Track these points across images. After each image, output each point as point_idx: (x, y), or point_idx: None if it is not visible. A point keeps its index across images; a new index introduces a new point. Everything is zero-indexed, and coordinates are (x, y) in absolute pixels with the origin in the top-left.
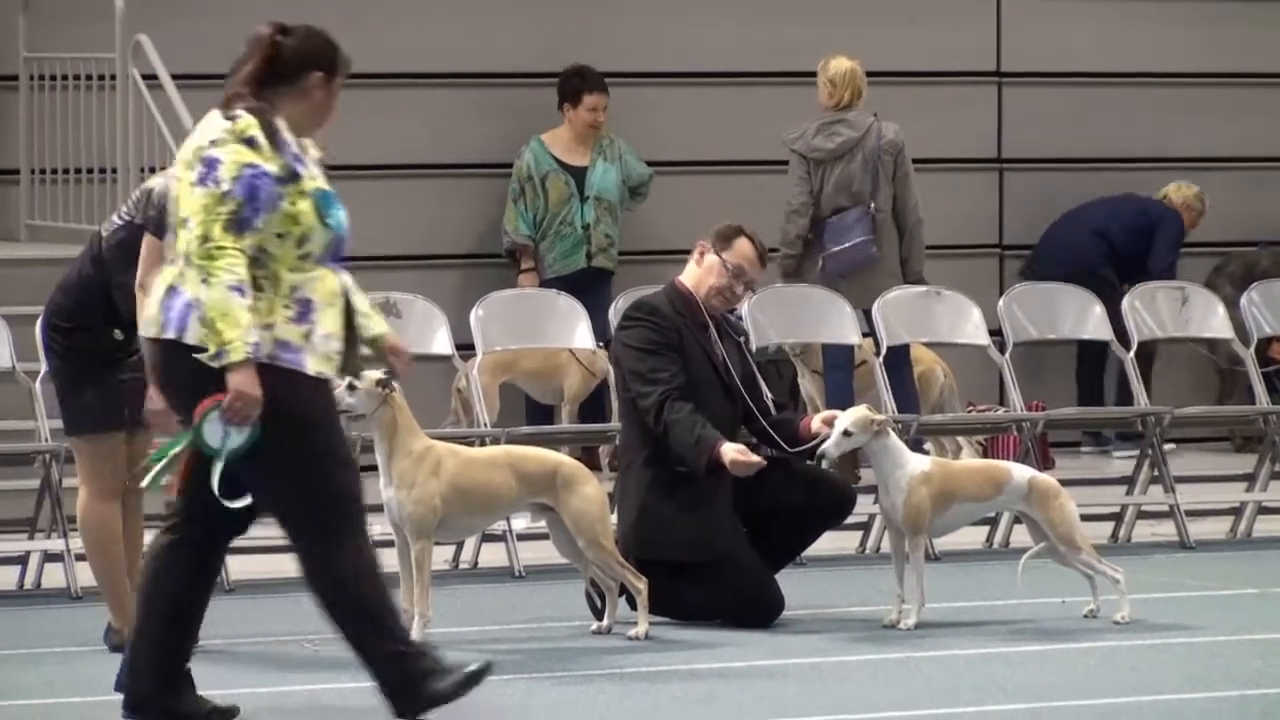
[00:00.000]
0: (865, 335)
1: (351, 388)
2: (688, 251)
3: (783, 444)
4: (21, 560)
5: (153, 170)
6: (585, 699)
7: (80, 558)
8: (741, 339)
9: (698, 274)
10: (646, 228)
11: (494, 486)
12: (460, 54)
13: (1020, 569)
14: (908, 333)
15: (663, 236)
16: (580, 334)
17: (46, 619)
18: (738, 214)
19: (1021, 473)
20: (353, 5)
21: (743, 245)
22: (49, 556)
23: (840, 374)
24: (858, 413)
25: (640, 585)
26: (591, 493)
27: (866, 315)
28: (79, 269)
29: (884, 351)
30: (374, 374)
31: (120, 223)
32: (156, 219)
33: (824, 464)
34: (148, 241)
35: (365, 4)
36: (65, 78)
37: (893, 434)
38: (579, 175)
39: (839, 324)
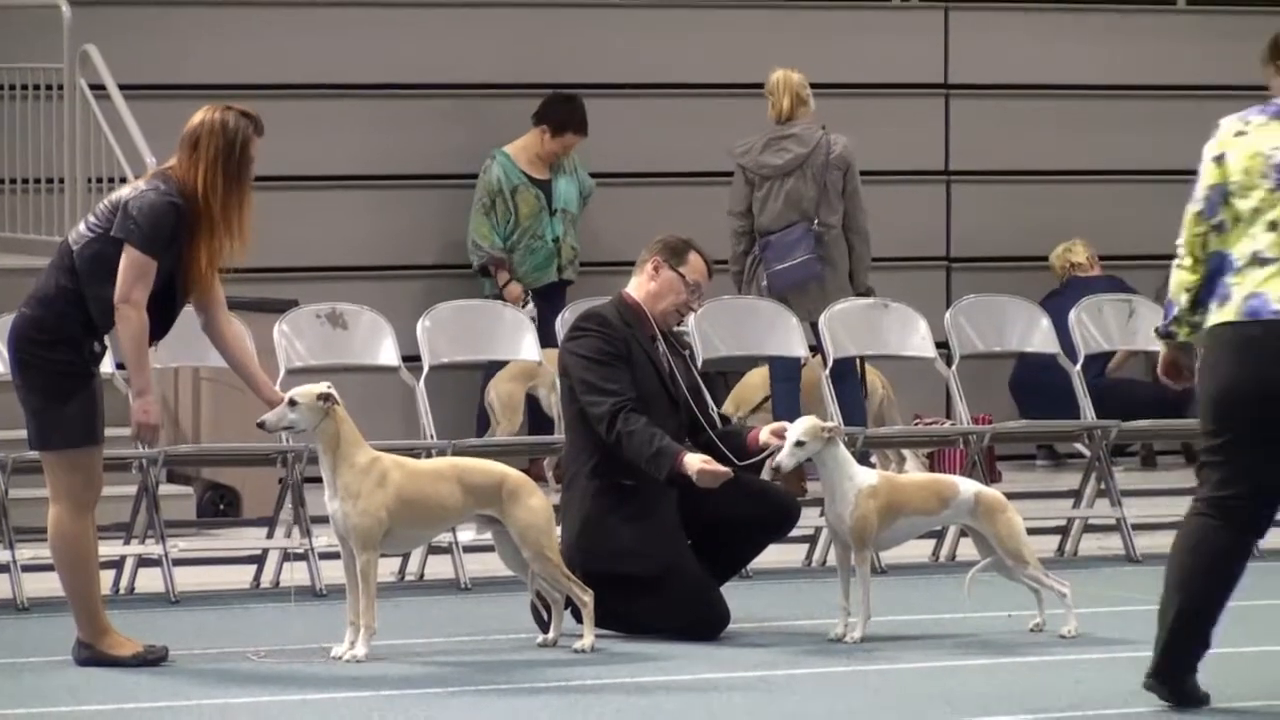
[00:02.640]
0: (812, 348)
1: (292, 403)
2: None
3: (731, 456)
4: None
5: (99, 181)
6: (530, 712)
7: (30, 569)
8: (687, 352)
9: (650, 288)
10: (595, 239)
11: (440, 498)
12: (418, 65)
13: (967, 583)
14: (854, 345)
15: (611, 248)
16: (527, 345)
17: None
18: (686, 226)
19: (968, 487)
20: (309, 19)
21: (695, 260)
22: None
23: (787, 386)
24: (808, 422)
25: (586, 598)
26: (537, 505)
27: (814, 328)
28: (55, 280)
29: (830, 364)
30: (315, 388)
31: (90, 235)
32: (139, 232)
33: (775, 477)
34: (128, 254)
35: (322, 17)
36: (13, 87)
37: (842, 444)
38: (546, 189)
39: (786, 337)
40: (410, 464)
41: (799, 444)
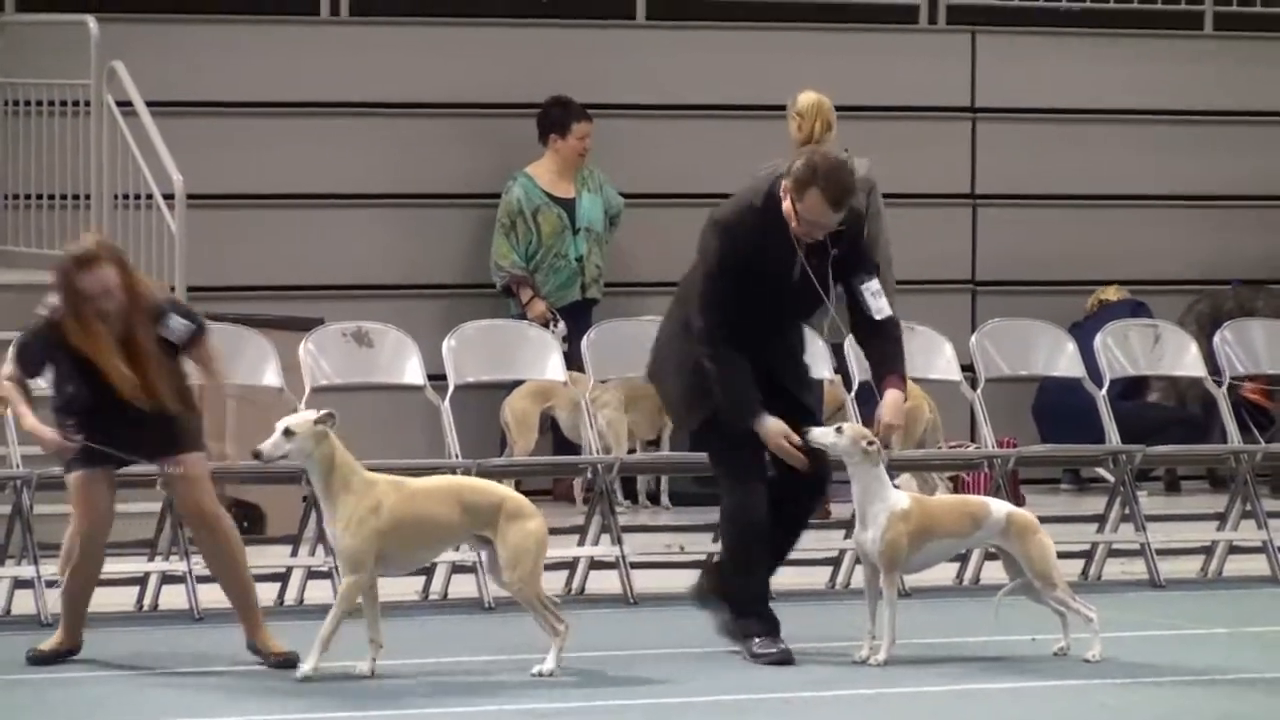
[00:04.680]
0: (837, 372)
1: (288, 433)
2: (663, 284)
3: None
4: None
5: (125, 197)
6: None
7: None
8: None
9: (786, 204)
10: (623, 259)
11: (438, 519)
12: (443, 85)
13: (996, 604)
14: None
15: (640, 268)
16: (552, 365)
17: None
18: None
19: (1000, 508)
20: (335, 38)
21: (811, 198)
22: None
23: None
24: (857, 428)
25: (560, 627)
26: (533, 529)
27: (837, 350)
28: None
29: (855, 387)
30: (309, 414)
31: None
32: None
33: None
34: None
35: (347, 37)
36: (40, 103)
37: (882, 465)
38: (569, 208)
39: (810, 359)
40: (408, 484)
41: (839, 430)
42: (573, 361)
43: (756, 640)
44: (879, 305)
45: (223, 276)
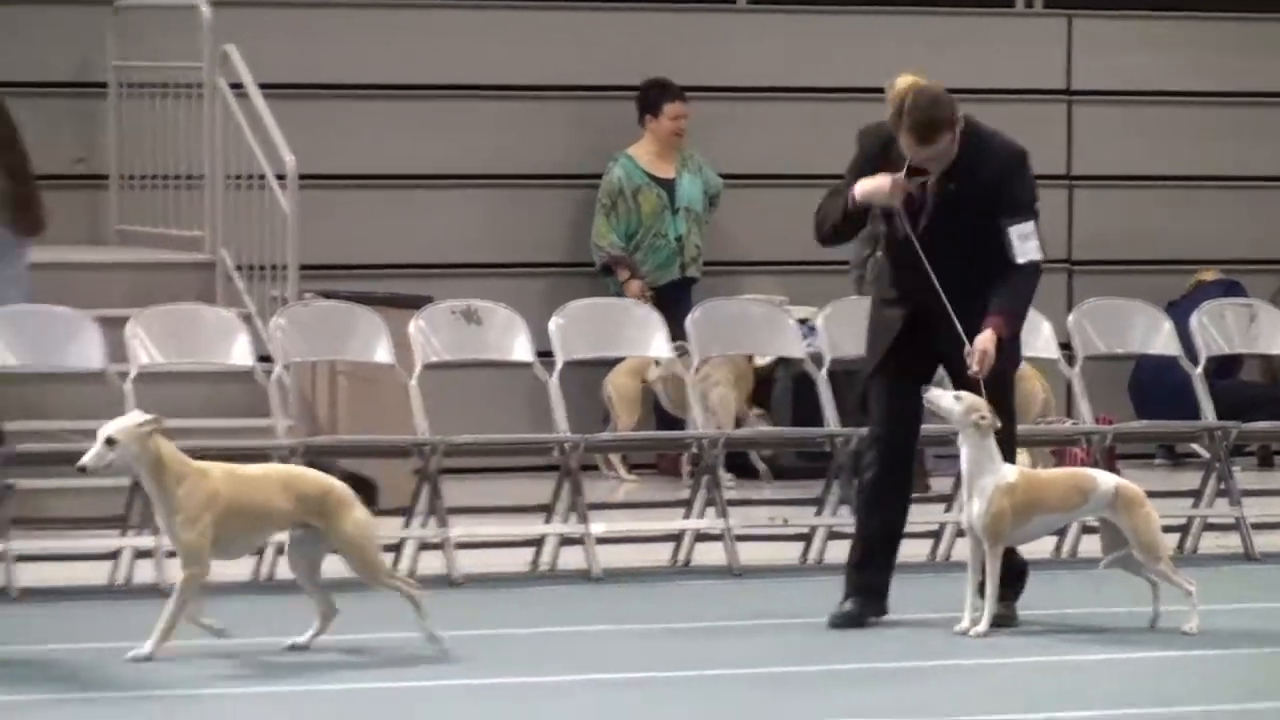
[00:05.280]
0: None
1: (110, 442)
2: (761, 262)
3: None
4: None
5: (239, 178)
6: (664, 698)
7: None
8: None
9: None
10: (722, 239)
11: (270, 506)
12: (545, 68)
13: (1102, 567)
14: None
15: (739, 248)
16: (657, 343)
17: None
18: (809, 228)
19: (1108, 480)
20: (443, 21)
21: (902, 134)
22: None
23: None
24: (975, 398)
25: (417, 594)
26: (361, 517)
27: None
28: None
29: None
30: (131, 419)
31: None
32: None
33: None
34: None
35: (455, 20)
36: (154, 86)
37: (992, 437)
38: (669, 188)
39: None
40: (240, 472)
41: (956, 397)
42: (673, 338)
43: (838, 603)
44: (1022, 249)
45: (334, 255)
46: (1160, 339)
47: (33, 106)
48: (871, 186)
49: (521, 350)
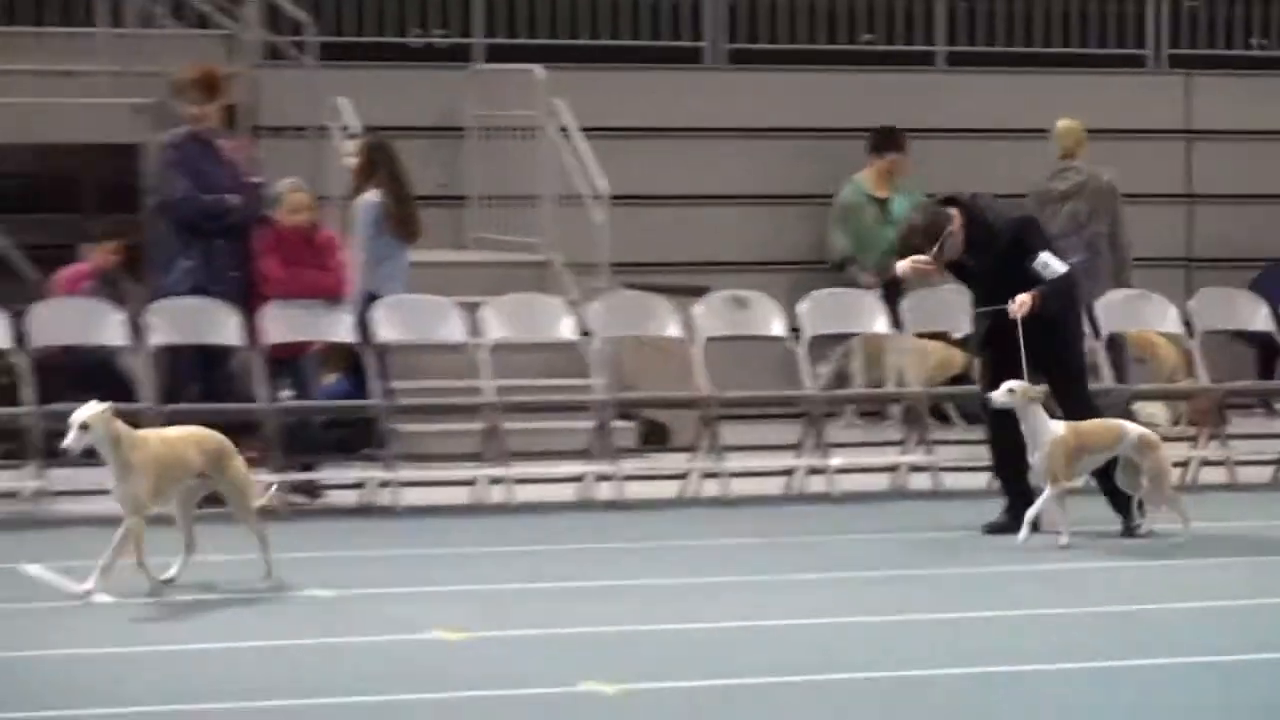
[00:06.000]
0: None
1: (85, 427)
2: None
3: None
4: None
5: (566, 197)
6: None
7: None
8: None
9: None
10: None
11: (188, 461)
12: (794, 114)
13: (1137, 499)
14: (1121, 324)
15: None
16: (879, 324)
17: None
18: None
19: (1133, 429)
20: (718, 79)
21: None
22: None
23: None
24: (1023, 384)
25: (265, 533)
26: (240, 465)
27: (1088, 311)
28: None
29: (1104, 338)
30: (95, 407)
31: None
32: None
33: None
34: None
35: (727, 79)
36: (502, 129)
37: (1039, 405)
38: (885, 206)
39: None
40: (167, 435)
41: (1010, 391)
42: None
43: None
44: (1047, 272)
45: (636, 255)
46: (1259, 319)
47: (409, 145)
48: (901, 268)
49: (777, 328)
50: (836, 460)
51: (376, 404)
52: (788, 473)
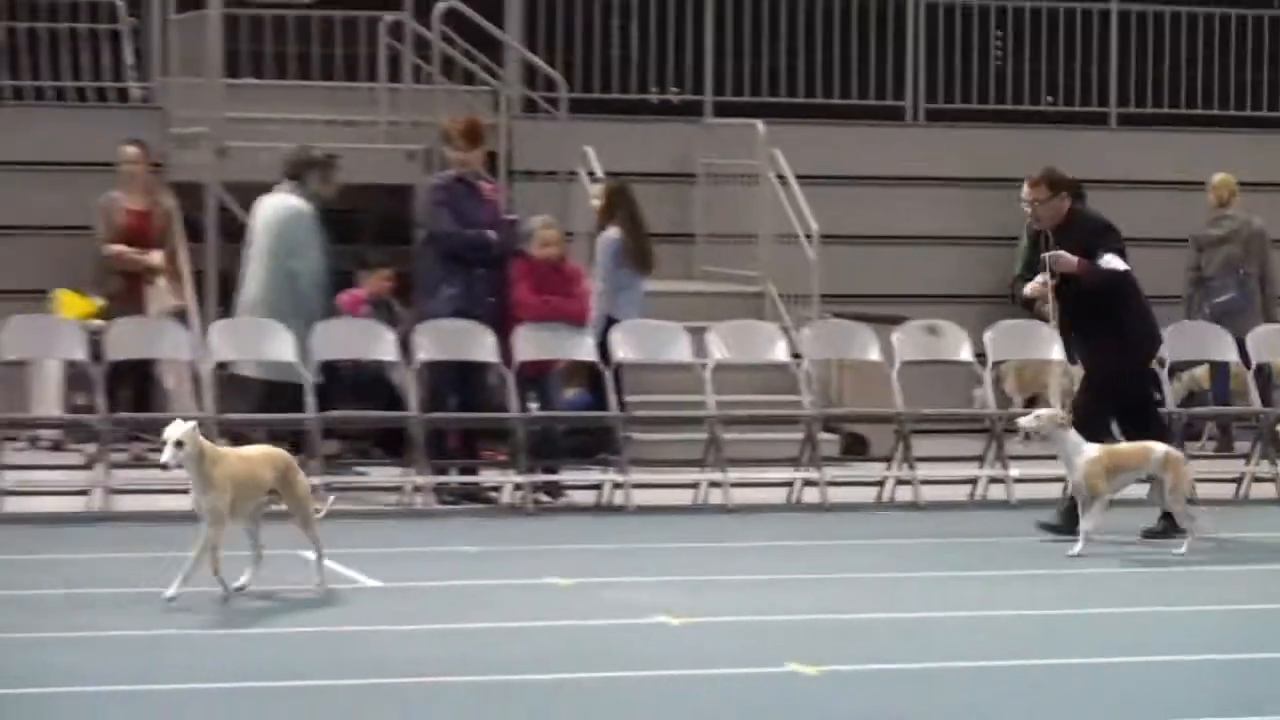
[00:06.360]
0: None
1: (179, 444)
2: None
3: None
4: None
5: (782, 236)
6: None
7: None
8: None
9: None
10: None
11: (261, 477)
12: (983, 165)
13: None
14: (1268, 354)
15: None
16: (1054, 351)
17: None
18: (1173, 275)
19: (1160, 448)
20: (913, 134)
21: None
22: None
23: (1222, 384)
24: (1050, 410)
25: (322, 546)
26: (304, 480)
27: (1239, 343)
28: None
29: (1254, 366)
30: (185, 425)
31: None
32: None
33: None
34: None
35: (921, 133)
36: (726, 175)
37: (1071, 429)
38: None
39: (1221, 346)
40: (244, 453)
41: (1036, 417)
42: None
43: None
44: (1109, 264)
45: (842, 287)
46: None
47: (646, 189)
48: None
49: (965, 353)
50: (1015, 471)
51: (613, 415)
52: (972, 481)
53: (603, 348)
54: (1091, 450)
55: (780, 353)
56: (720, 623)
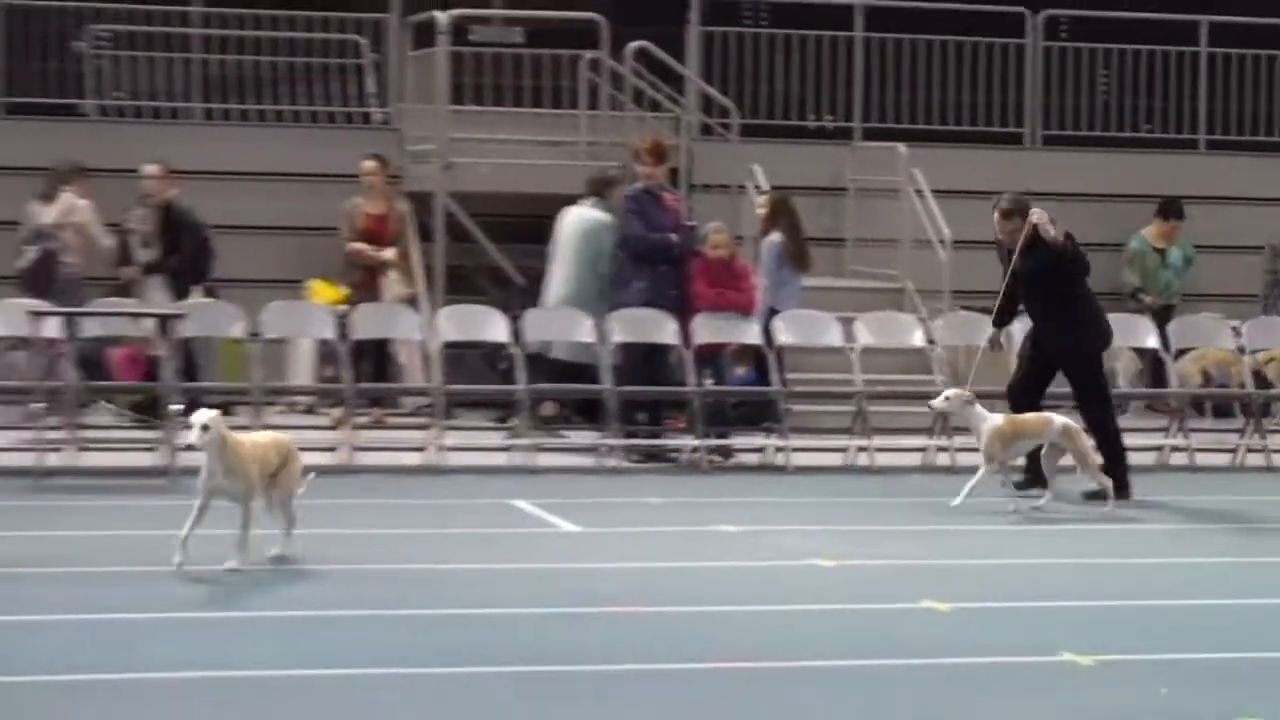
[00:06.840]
0: None
1: (205, 428)
2: (1206, 295)
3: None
4: None
5: (919, 241)
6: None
7: None
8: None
9: None
10: (1194, 284)
11: (269, 460)
12: (1093, 184)
13: (1051, 479)
14: None
15: (1204, 288)
16: (1151, 340)
17: None
18: (1247, 281)
19: (1059, 419)
20: (1030, 156)
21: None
22: None
23: None
24: (956, 390)
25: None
26: (299, 466)
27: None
28: None
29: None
30: (210, 412)
31: None
32: None
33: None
34: None
35: (1038, 156)
36: (873, 190)
37: (977, 405)
38: (1163, 254)
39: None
40: (255, 438)
41: (946, 398)
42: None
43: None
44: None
45: (971, 285)
46: None
47: (804, 201)
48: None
49: None
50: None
51: (775, 390)
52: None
53: (767, 333)
54: (996, 419)
55: (917, 339)
56: (865, 565)
